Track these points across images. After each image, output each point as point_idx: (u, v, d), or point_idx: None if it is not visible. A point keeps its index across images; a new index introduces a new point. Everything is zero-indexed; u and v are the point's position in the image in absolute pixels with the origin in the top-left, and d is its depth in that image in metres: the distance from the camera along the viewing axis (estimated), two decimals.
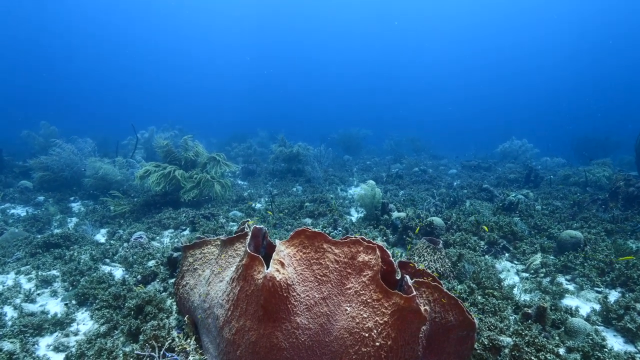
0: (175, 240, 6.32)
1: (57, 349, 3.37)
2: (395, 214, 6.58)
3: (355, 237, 2.60)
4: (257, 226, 2.71)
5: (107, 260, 5.49)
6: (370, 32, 68.64)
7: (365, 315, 2.44)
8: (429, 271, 4.73)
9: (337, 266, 2.59)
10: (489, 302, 3.80)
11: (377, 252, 2.50)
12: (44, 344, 3.47)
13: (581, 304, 4.27)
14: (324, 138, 23.51)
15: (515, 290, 4.41)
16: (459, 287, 4.20)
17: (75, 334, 3.62)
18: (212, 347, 2.76)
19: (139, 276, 4.58)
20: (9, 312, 4.02)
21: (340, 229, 6.44)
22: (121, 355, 3.02)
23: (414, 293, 2.32)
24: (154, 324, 3.07)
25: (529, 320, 3.25)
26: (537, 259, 5.07)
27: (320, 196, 8.55)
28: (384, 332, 2.38)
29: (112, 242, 6.30)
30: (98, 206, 8.52)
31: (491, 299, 3.93)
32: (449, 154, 22.96)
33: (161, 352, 2.80)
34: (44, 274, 4.90)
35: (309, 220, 7.21)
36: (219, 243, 3.15)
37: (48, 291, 4.55)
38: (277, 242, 2.50)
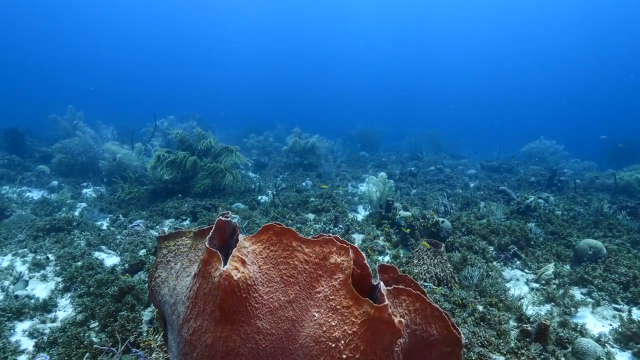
0: (174, 229, 6.25)
1: (31, 335, 3.31)
2: (400, 213, 6.25)
3: (328, 236, 2.35)
4: (224, 219, 2.50)
5: (103, 247, 5.46)
6: (390, 27, 67.22)
7: (333, 324, 2.19)
8: (428, 276, 4.42)
9: (306, 267, 2.35)
10: (489, 314, 3.46)
11: (350, 253, 2.24)
12: (21, 328, 3.42)
13: (596, 322, 3.86)
14: (340, 133, 23.18)
15: (522, 302, 4.03)
16: (459, 294, 3.86)
17: (53, 321, 3.56)
18: (174, 346, 2.60)
19: (126, 265, 4.51)
20: None
21: (341, 226, 6.18)
22: (88, 345, 2.90)
23: (386, 302, 2.05)
24: (123, 315, 2.94)
25: (528, 339, 2.90)
26: (550, 268, 4.64)
27: (327, 192, 8.29)
28: (352, 344, 2.13)
29: (112, 228, 6.31)
30: (106, 192, 8.61)
31: (492, 310, 3.59)
32: (471, 153, 22.10)
33: (122, 346, 2.66)
34: (39, 257, 4.91)
35: (311, 216, 6.99)
36: (193, 235, 2.97)
37: (39, 275, 4.54)
38: (241, 237, 2.29)
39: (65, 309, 3.80)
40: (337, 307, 2.21)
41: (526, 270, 5.05)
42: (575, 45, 60.61)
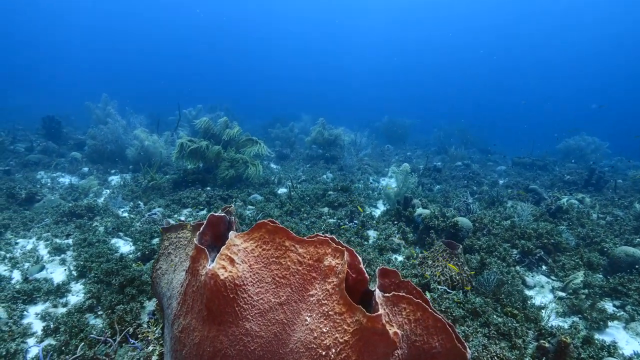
0: (190, 219, 6.33)
1: (43, 318, 3.42)
2: (419, 210, 5.99)
3: (324, 237, 2.21)
4: (216, 214, 2.42)
5: (121, 234, 5.60)
6: (419, 17, 64.88)
7: (324, 330, 2.06)
8: (442, 278, 4.19)
9: (299, 268, 2.22)
10: (505, 324, 3.21)
11: (345, 256, 2.09)
12: (34, 311, 3.53)
13: (629, 339, 3.51)
14: (367, 126, 22.78)
15: (544, 312, 3.72)
16: (473, 300, 3.62)
17: (65, 306, 3.66)
18: (168, 340, 2.57)
19: (139, 253, 4.58)
20: (17, 276, 4.19)
21: (356, 221, 6.01)
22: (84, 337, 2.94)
23: (380, 312, 1.89)
24: (120, 308, 2.95)
25: (545, 357, 2.64)
26: (579, 276, 4.27)
27: (345, 185, 8.12)
28: (343, 353, 1.99)
29: (131, 216, 6.46)
30: (130, 180, 8.85)
31: (509, 320, 3.33)
32: (503, 149, 21.06)
33: (119, 337, 2.66)
34: (59, 241, 5.10)
35: (327, 210, 6.85)
36: (191, 229, 2.92)
37: (58, 259, 4.71)
38: (232, 234, 2.19)
39: (77, 294, 3.90)
40: (330, 312, 2.08)
41: (552, 277, 4.69)
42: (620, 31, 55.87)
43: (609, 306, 4.02)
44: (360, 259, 2.19)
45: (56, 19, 64.15)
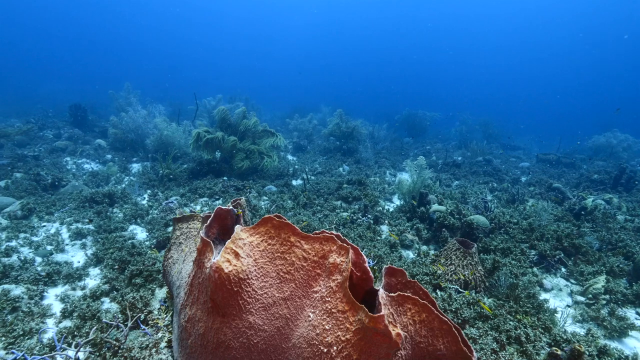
0: (205, 208, 6.43)
1: (62, 300, 3.56)
2: (434, 207, 5.87)
3: (330, 233, 2.19)
4: (223, 207, 2.43)
5: (139, 221, 5.75)
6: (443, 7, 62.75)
7: (327, 327, 2.05)
8: (455, 277, 4.11)
9: (304, 264, 2.21)
10: (516, 329, 3.11)
11: (350, 254, 2.06)
12: (53, 293, 3.69)
13: None
14: (387, 118, 22.43)
15: (559, 317, 3.59)
16: (485, 302, 3.53)
17: (83, 289, 3.80)
18: (175, 328, 2.63)
19: (154, 241, 4.69)
20: (39, 258, 4.38)
21: (369, 216, 5.95)
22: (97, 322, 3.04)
23: (382, 312, 1.86)
24: (130, 296, 3.04)
25: None
26: (601, 281, 4.09)
27: (360, 178, 8.04)
28: (344, 351, 1.98)
29: (149, 204, 6.63)
30: (149, 168, 9.06)
31: (522, 324, 3.23)
32: (528, 145, 20.33)
33: (130, 323, 2.74)
34: (80, 226, 5.28)
35: (340, 203, 6.82)
36: (201, 220, 2.95)
37: (79, 243, 4.89)
38: (238, 227, 2.20)
39: (95, 278, 4.04)
40: (333, 310, 2.06)
41: (572, 280, 4.51)
42: None
43: (631, 314, 3.85)
44: (365, 257, 2.16)
45: (86, 9, 66.02)
